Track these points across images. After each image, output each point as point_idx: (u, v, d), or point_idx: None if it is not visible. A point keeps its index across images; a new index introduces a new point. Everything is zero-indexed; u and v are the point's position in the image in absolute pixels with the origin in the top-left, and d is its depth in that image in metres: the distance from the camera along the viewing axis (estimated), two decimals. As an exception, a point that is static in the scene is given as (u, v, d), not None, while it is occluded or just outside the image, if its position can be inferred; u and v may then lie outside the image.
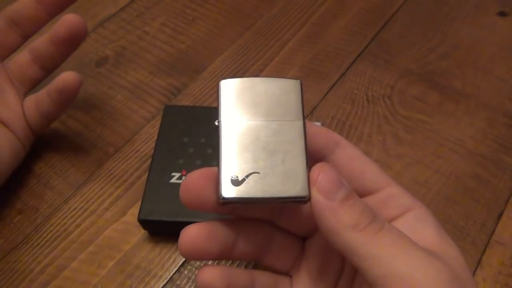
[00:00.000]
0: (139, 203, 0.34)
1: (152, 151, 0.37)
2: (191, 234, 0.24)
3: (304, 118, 0.24)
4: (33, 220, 0.36)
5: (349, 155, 0.25)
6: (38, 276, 0.34)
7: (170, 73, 0.45)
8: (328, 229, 0.21)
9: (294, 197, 0.22)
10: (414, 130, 0.41)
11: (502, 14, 0.50)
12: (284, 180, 0.22)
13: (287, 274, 0.27)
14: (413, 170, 0.39)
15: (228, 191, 0.22)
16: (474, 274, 0.33)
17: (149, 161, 0.38)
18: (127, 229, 0.36)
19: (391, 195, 0.25)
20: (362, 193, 0.25)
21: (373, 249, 0.20)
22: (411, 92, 0.44)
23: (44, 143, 0.40)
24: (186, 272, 0.34)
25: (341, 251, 0.21)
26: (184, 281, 0.33)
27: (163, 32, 0.49)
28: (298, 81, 0.25)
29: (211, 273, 0.24)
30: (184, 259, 0.34)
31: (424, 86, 0.44)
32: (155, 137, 0.38)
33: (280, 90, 0.24)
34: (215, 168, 0.23)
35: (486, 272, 0.34)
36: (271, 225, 0.26)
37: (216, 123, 0.23)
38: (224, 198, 0.22)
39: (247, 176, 0.22)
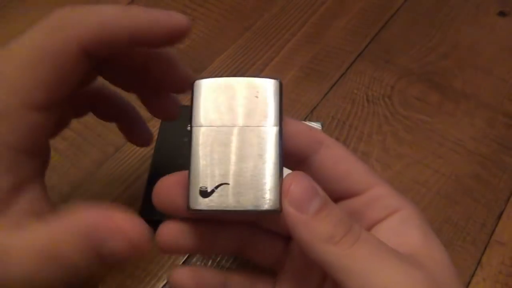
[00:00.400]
0: (139, 203, 0.34)
1: (152, 151, 0.37)
2: (170, 229, 0.23)
3: (281, 122, 0.22)
4: (33, 220, 0.36)
5: (334, 155, 0.24)
6: (38, 276, 0.34)
7: (170, 73, 0.45)
8: (302, 242, 0.20)
9: (265, 210, 0.21)
10: (414, 130, 0.41)
11: (502, 14, 0.50)
12: (255, 192, 0.21)
13: (271, 267, 0.27)
14: (413, 170, 0.39)
15: (196, 202, 0.21)
16: (474, 274, 0.33)
17: (149, 161, 0.38)
18: (127, 229, 0.36)
19: (377, 196, 0.24)
20: (347, 195, 0.24)
21: (349, 263, 0.20)
22: (411, 92, 0.44)
23: (44, 143, 0.40)
24: (186, 272, 0.34)
25: (317, 263, 0.20)
26: (184, 281, 0.33)
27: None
28: (277, 81, 0.23)
29: (182, 273, 0.24)
30: (184, 259, 0.34)
31: (424, 86, 0.44)
32: (155, 137, 0.38)
33: (257, 92, 0.22)
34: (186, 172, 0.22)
35: (486, 272, 0.34)
36: (253, 224, 0.26)
37: (188, 128, 0.22)
38: (191, 209, 0.21)
39: (216, 187, 0.21)
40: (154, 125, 0.41)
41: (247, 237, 0.26)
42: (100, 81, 0.27)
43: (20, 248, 0.19)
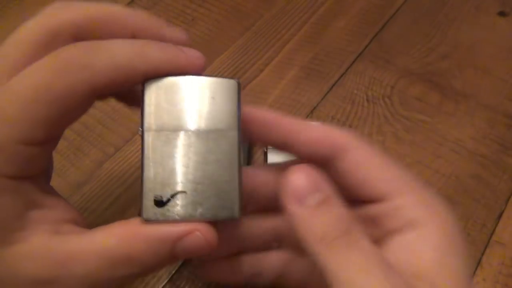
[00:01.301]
0: (139, 203, 0.34)
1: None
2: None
3: (239, 125, 0.21)
4: (33, 220, 0.36)
5: (356, 160, 0.23)
6: (38, 276, 0.33)
7: (170, 73, 0.45)
8: (299, 237, 0.20)
9: (223, 218, 0.20)
10: (414, 130, 0.41)
11: (502, 14, 0.50)
12: (213, 199, 0.20)
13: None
14: (413, 170, 0.39)
15: (151, 213, 0.20)
16: (474, 274, 0.33)
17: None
18: (127, 229, 0.36)
19: (398, 207, 0.22)
20: (366, 200, 0.23)
21: (336, 268, 0.19)
22: (411, 92, 0.44)
23: (44, 143, 0.40)
24: (186, 272, 0.34)
25: (311, 257, 0.20)
26: (184, 281, 0.33)
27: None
28: (235, 81, 0.21)
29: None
30: (184, 259, 0.34)
31: (424, 86, 0.44)
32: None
33: (214, 92, 0.21)
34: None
35: (486, 272, 0.34)
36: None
37: (140, 132, 0.21)
38: (145, 219, 0.20)
39: (172, 196, 0.20)
40: (154, 125, 0.41)
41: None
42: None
43: (84, 250, 0.20)
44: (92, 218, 0.36)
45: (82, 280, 0.20)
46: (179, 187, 0.20)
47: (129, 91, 0.28)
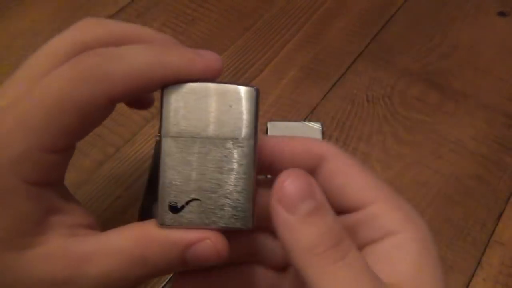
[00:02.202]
0: (139, 203, 0.34)
1: (152, 151, 0.37)
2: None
3: (256, 135, 0.21)
4: (33, 220, 0.36)
5: (331, 170, 0.22)
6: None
7: (170, 73, 0.45)
8: (284, 245, 0.19)
9: (235, 228, 0.20)
10: (414, 130, 0.41)
11: (502, 14, 0.50)
12: (226, 208, 0.20)
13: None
14: (413, 170, 0.39)
15: (166, 218, 0.21)
16: (474, 274, 0.33)
17: (149, 161, 0.38)
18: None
19: (373, 215, 0.21)
20: (343, 210, 0.22)
21: (322, 281, 0.18)
22: (411, 92, 0.44)
23: (44, 143, 0.40)
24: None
25: (298, 271, 0.19)
26: (184, 281, 0.33)
27: (163, 32, 0.49)
28: (254, 89, 0.21)
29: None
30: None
31: (424, 86, 0.44)
32: (155, 137, 0.38)
33: (232, 101, 0.21)
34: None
35: (486, 272, 0.34)
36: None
37: (157, 138, 0.21)
38: (161, 225, 0.21)
39: (187, 203, 0.20)
40: (154, 125, 0.41)
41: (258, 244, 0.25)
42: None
43: (100, 251, 0.21)
44: (92, 218, 0.36)
45: (97, 280, 0.21)
46: (193, 195, 0.21)
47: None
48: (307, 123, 0.39)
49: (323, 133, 0.38)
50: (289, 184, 0.19)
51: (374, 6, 0.51)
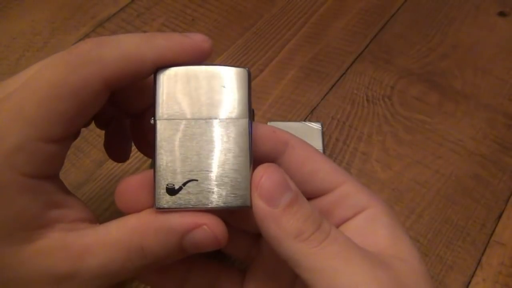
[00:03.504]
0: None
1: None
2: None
3: (250, 114, 0.21)
4: (33, 220, 0.36)
5: (299, 155, 0.23)
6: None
7: (170, 73, 0.45)
8: (270, 238, 0.20)
9: (235, 206, 0.20)
10: (414, 130, 0.41)
11: (502, 14, 0.50)
12: (224, 187, 0.20)
13: (242, 261, 0.26)
14: (413, 170, 0.39)
15: (163, 200, 0.20)
16: (474, 274, 0.33)
17: (149, 161, 0.38)
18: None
19: (344, 195, 0.23)
20: (315, 194, 0.23)
21: (315, 261, 0.19)
22: (411, 92, 0.44)
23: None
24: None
25: (284, 260, 0.20)
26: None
27: (163, 32, 0.49)
28: (246, 69, 0.21)
29: None
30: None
31: (424, 86, 0.44)
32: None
33: (224, 81, 0.21)
34: (152, 172, 0.21)
35: (486, 272, 0.34)
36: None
37: (152, 121, 0.21)
38: (159, 208, 0.21)
39: (184, 184, 0.20)
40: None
41: None
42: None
43: (100, 242, 0.21)
44: (92, 218, 0.36)
45: (98, 272, 0.21)
46: (190, 175, 0.20)
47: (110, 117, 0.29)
48: (307, 123, 0.39)
49: (323, 133, 0.38)
50: (266, 179, 0.20)
51: (374, 6, 0.51)
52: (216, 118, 0.21)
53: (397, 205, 0.37)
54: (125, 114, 0.28)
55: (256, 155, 0.22)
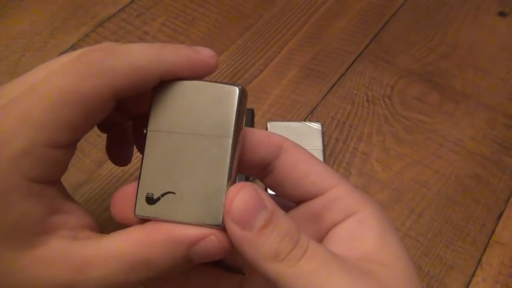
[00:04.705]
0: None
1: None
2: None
3: (235, 133, 0.21)
4: (33, 220, 0.36)
5: (292, 158, 0.23)
6: (38, 276, 0.34)
7: (170, 73, 0.45)
8: (248, 260, 0.20)
9: (207, 224, 0.20)
10: (414, 130, 0.41)
11: (502, 14, 0.50)
12: (199, 204, 0.20)
13: (240, 269, 0.26)
14: (413, 170, 0.39)
15: (141, 208, 0.21)
16: (474, 274, 0.33)
17: (149, 161, 0.38)
18: (127, 229, 0.36)
19: (335, 198, 0.23)
20: (306, 197, 0.23)
21: (294, 281, 0.19)
22: (411, 92, 0.44)
23: (44, 143, 0.40)
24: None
25: (267, 280, 0.20)
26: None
27: (163, 32, 0.49)
28: (237, 88, 0.21)
29: None
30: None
31: (424, 86, 0.44)
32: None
33: (215, 98, 0.21)
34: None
35: (486, 272, 0.34)
36: None
37: (145, 131, 0.22)
38: (136, 215, 0.21)
39: (162, 195, 0.21)
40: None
41: None
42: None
43: (102, 255, 0.21)
44: (92, 218, 0.36)
45: (99, 284, 0.20)
46: (169, 188, 0.21)
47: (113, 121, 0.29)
48: (307, 123, 0.39)
49: (323, 133, 0.38)
50: (238, 202, 0.19)
51: (374, 6, 0.51)
52: (202, 135, 0.21)
53: (397, 205, 0.37)
54: (127, 116, 0.28)
55: (253, 159, 0.23)
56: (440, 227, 0.36)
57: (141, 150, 0.29)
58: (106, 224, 0.36)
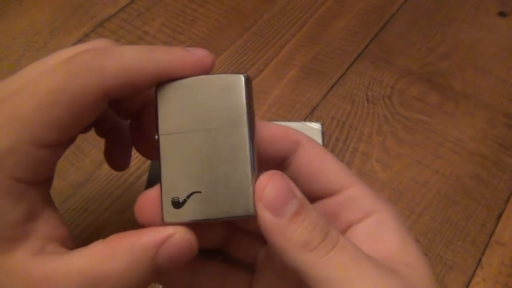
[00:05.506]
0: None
1: (152, 151, 0.37)
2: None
3: (249, 121, 0.21)
4: (33, 220, 0.36)
5: (309, 154, 0.23)
6: (38, 276, 0.33)
7: (170, 73, 0.45)
8: (277, 249, 0.19)
9: (239, 216, 0.20)
10: (414, 130, 0.41)
11: (502, 14, 0.50)
12: (228, 197, 0.20)
13: (250, 265, 0.26)
14: (413, 170, 0.39)
15: (170, 214, 0.20)
16: (474, 274, 0.33)
17: (149, 161, 0.38)
18: (127, 229, 0.35)
19: (352, 197, 0.23)
20: (322, 195, 0.23)
21: (324, 272, 0.19)
22: (411, 92, 0.44)
23: (44, 143, 0.40)
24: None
25: (292, 270, 0.19)
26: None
27: (163, 32, 0.49)
28: (242, 76, 0.21)
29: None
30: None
31: (424, 86, 0.44)
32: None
33: (221, 90, 0.21)
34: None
35: (486, 272, 0.34)
36: (233, 223, 0.25)
37: (156, 137, 0.21)
38: (165, 222, 0.21)
39: (188, 197, 0.20)
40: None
41: (228, 234, 0.25)
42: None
43: (60, 272, 0.20)
44: (92, 218, 0.36)
45: None
46: (194, 188, 0.20)
47: (109, 124, 0.29)
48: (307, 123, 0.39)
49: (323, 133, 0.38)
50: (270, 188, 0.19)
51: (374, 6, 0.51)
52: (216, 129, 0.21)
53: (397, 205, 0.37)
54: (122, 115, 0.28)
55: (269, 154, 0.22)
56: (440, 227, 0.36)
57: (140, 150, 0.29)
58: (106, 224, 0.36)
